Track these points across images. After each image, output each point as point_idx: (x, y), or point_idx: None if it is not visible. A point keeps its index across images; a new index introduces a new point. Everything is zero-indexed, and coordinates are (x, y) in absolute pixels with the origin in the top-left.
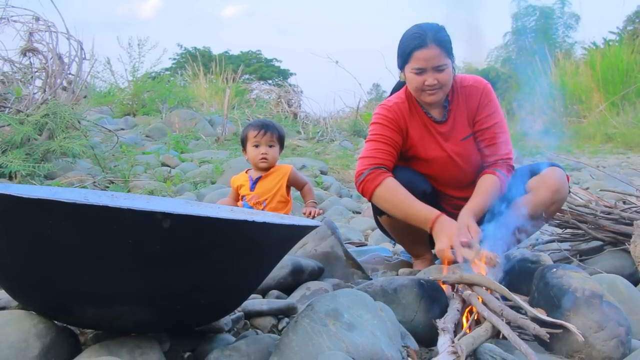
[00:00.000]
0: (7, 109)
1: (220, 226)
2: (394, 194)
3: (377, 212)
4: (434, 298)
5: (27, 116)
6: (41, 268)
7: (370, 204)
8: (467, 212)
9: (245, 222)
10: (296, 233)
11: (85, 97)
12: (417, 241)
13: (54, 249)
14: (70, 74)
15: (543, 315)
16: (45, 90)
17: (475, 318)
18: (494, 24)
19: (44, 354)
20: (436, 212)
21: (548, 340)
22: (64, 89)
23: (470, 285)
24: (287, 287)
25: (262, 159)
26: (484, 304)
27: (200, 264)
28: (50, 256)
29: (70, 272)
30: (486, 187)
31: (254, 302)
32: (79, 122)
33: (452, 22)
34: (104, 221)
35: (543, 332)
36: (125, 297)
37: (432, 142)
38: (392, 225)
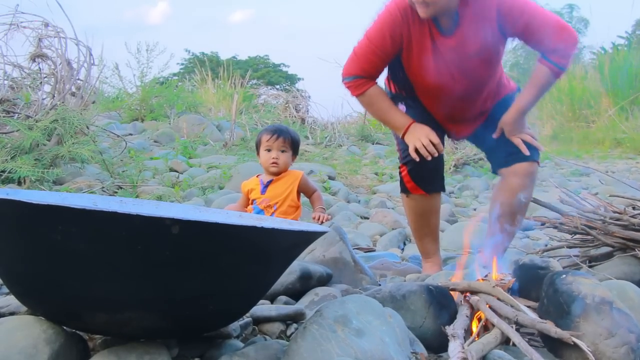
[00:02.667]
0: (17, 114)
1: (229, 232)
2: (375, 102)
3: (402, 189)
4: (442, 304)
5: (36, 122)
6: (50, 274)
7: (377, 210)
8: (515, 111)
9: (254, 228)
10: (305, 239)
11: (93, 102)
12: (428, 232)
13: (64, 254)
14: (79, 79)
15: (552, 328)
16: (54, 96)
17: (484, 324)
18: None
19: (53, 359)
20: (410, 120)
21: (572, 343)
22: (73, 94)
23: (478, 292)
24: (296, 292)
25: (273, 163)
26: (493, 310)
27: (209, 270)
28: (59, 262)
29: (79, 278)
30: (535, 80)
31: (262, 307)
32: (88, 128)
33: None
34: (113, 227)
35: (567, 335)
36: (134, 302)
37: (435, 56)
38: (409, 206)
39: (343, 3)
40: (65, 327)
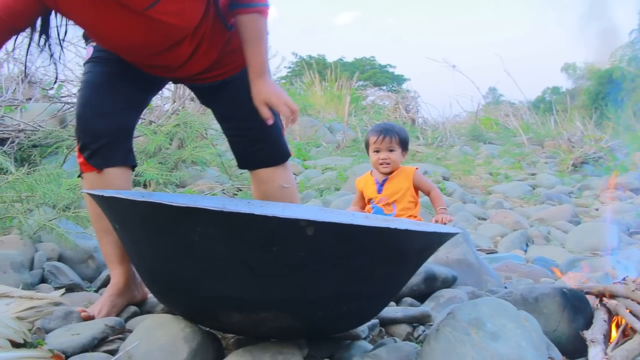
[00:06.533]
0: (141, 120)
1: (363, 233)
2: None
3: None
4: (577, 308)
5: (159, 126)
6: (189, 274)
7: (497, 210)
8: (257, 78)
9: (387, 229)
10: (437, 240)
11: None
12: (108, 226)
13: (201, 255)
14: None
15: None
16: (174, 101)
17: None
18: (620, 21)
19: (191, 357)
20: None
21: None
22: (192, 99)
23: (616, 296)
24: (420, 294)
25: (382, 164)
26: (635, 315)
27: (342, 271)
28: (197, 262)
29: (216, 278)
30: (251, 35)
31: (389, 309)
32: (206, 131)
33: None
34: (250, 228)
35: None
36: (269, 303)
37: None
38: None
39: (449, 2)
40: (200, 326)
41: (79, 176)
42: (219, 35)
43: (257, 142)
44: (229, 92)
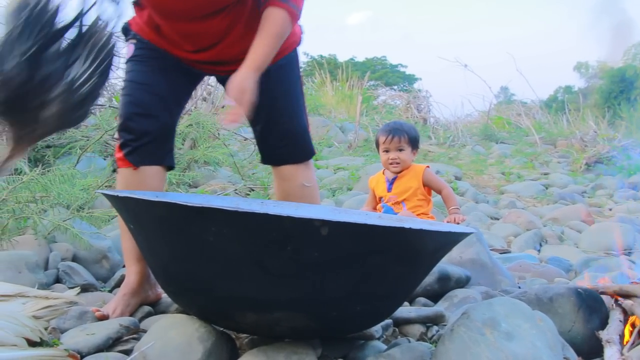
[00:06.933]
0: None
1: (377, 233)
2: None
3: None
4: (592, 308)
5: None
6: (203, 274)
7: (510, 210)
8: (249, 68)
9: (401, 229)
10: (452, 240)
11: (223, 107)
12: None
13: (216, 255)
14: (209, 84)
15: None
16: None
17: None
18: (632, 16)
19: (206, 357)
20: None
21: None
22: (204, 99)
23: (631, 296)
24: (434, 294)
25: (392, 163)
26: None
27: (356, 271)
28: (211, 262)
29: (230, 278)
30: (269, 28)
31: (402, 309)
32: (218, 132)
33: (591, 20)
34: (264, 228)
35: None
36: (284, 303)
37: None
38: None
39: (461, 0)
40: (215, 326)
41: (114, 171)
42: (255, 24)
43: (283, 138)
44: (259, 86)
